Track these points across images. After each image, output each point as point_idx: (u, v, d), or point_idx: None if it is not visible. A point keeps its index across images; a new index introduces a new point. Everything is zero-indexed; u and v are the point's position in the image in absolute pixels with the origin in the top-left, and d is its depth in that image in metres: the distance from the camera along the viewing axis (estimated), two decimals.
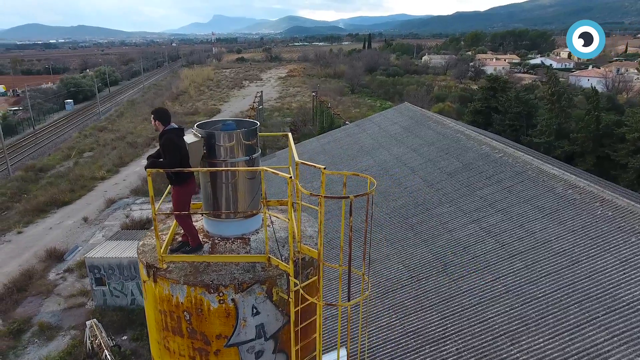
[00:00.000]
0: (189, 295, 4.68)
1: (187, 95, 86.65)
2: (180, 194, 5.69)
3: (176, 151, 5.42)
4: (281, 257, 5.22)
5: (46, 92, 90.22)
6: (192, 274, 4.85)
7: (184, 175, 5.54)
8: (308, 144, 31.42)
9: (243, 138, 5.51)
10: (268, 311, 4.90)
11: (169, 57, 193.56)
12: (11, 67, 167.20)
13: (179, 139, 5.53)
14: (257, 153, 5.81)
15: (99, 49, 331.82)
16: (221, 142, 5.47)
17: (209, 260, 5.12)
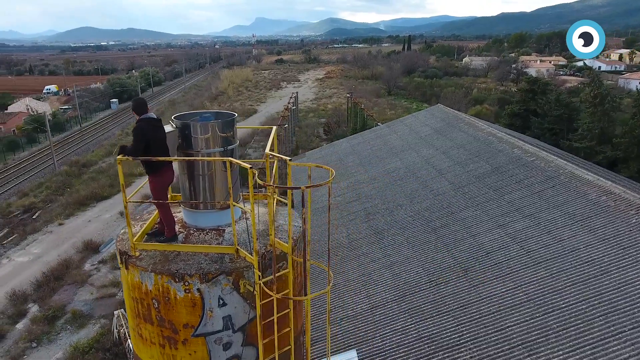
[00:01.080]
0: (157, 284, 4.73)
1: (226, 95, 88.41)
2: (154, 183, 5.77)
3: (139, 139, 5.53)
4: (251, 249, 5.17)
5: (94, 91, 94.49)
6: (160, 262, 4.90)
7: (155, 164, 5.59)
8: (338, 145, 31.34)
9: (218, 130, 5.51)
10: (235, 303, 4.86)
11: (210, 59, 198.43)
12: (64, 68, 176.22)
13: (148, 128, 5.58)
14: (233, 145, 5.80)
15: (146, 50, 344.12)
16: (195, 133, 5.49)
17: (179, 250, 5.15)
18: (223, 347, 4.81)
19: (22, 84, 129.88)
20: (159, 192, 5.70)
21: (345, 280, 15.67)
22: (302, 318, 5.88)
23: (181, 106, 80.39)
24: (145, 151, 5.46)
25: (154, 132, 5.55)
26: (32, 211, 35.54)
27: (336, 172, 25.96)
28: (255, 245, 4.64)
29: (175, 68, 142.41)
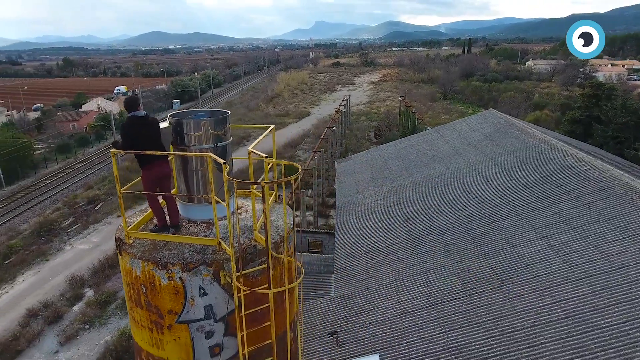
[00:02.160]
0: (144, 270, 4.98)
1: (281, 97, 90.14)
2: (143, 176, 6.08)
3: (125, 135, 5.92)
4: (234, 243, 5.25)
5: (158, 92, 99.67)
6: (149, 250, 5.14)
7: (143, 158, 5.92)
8: (385, 148, 31.05)
9: (210, 127, 5.69)
10: (216, 294, 4.99)
11: (268, 62, 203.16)
12: (134, 70, 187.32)
13: (130, 125, 5.95)
14: (225, 142, 5.96)
15: (210, 54, 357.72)
16: (187, 131, 5.71)
17: (167, 240, 5.38)
18: (205, 336, 4.99)
19: (96, 85, 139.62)
20: (148, 185, 6.05)
21: (379, 284, 15.51)
22: (292, 313, 5.94)
23: (238, 107, 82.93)
24: (133, 146, 5.80)
25: (138, 128, 5.90)
26: (95, 203, 38.09)
27: (380, 175, 25.72)
28: (231, 238, 4.76)
29: (234, 70, 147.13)
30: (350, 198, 24.38)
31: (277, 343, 4.99)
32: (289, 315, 5.51)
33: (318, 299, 16.65)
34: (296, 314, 6.26)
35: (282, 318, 5.38)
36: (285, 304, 5.48)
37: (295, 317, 6.17)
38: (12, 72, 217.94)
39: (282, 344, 5.44)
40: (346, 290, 16.05)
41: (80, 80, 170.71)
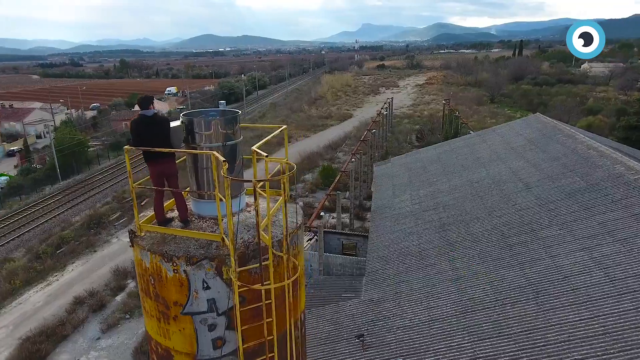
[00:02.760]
0: (152, 262, 5.15)
1: (324, 100, 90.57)
2: (150, 172, 6.30)
3: (132, 132, 6.27)
4: (237, 239, 5.32)
5: (205, 93, 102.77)
6: (157, 243, 5.31)
7: (147, 155, 6.15)
8: (424, 152, 30.55)
9: (220, 127, 5.80)
10: (219, 288, 5.08)
11: (314, 64, 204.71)
12: (184, 72, 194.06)
13: (136, 124, 6.25)
14: (234, 141, 6.05)
15: (257, 56, 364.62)
16: (198, 129, 5.85)
17: (175, 234, 5.53)
18: (208, 328, 5.11)
19: (149, 86, 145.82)
20: (153, 180, 6.29)
21: (409, 289, 15.28)
22: (296, 312, 5.95)
23: (281, 109, 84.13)
24: (140, 143, 6.04)
25: (142, 127, 6.17)
26: (141, 198, 39.71)
27: (417, 179, 25.30)
28: (230, 235, 4.83)
29: (280, 73, 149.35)
30: (386, 201, 24.15)
31: (279, 340, 5.05)
32: (292, 314, 5.56)
33: (347, 301, 16.61)
34: (302, 313, 6.29)
35: (284, 316, 5.44)
36: (286, 303, 5.53)
37: (301, 316, 6.19)
38: (73, 74, 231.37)
39: (286, 342, 5.50)
40: (376, 294, 15.92)
41: (134, 82, 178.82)
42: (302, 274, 6.02)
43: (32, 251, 29.98)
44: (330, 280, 20.33)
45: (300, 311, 6.07)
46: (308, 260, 21.79)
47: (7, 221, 36.59)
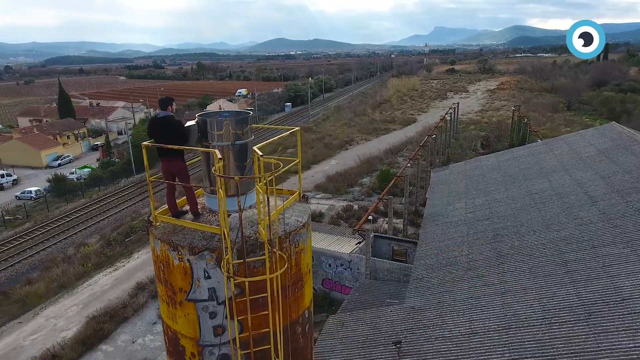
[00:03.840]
0: (162, 250, 5.45)
1: (389, 103, 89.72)
2: (161, 168, 6.73)
3: (147, 132, 6.81)
4: (236, 233, 5.49)
5: (273, 95, 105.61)
6: (167, 233, 5.60)
7: (158, 152, 6.61)
8: (484, 160, 29.38)
9: (230, 127, 6.01)
10: (219, 278, 5.26)
11: (381, 68, 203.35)
12: (255, 74, 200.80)
13: (150, 124, 6.79)
14: (243, 140, 6.24)
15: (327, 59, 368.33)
16: (210, 129, 6.11)
17: (184, 225, 5.80)
18: (209, 316, 5.34)
19: (222, 87, 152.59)
20: (164, 176, 6.68)
21: (452, 299, 14.82)
22: (299, 308, 6.02)
23: (345, 112, 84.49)
24: (153, 141, 6.56)
25: (154, 127, 6.70)
26: None
27: (474, 187, 24.46)
28: (226, 229, 4.99)
29: (346, 76, 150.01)
30: (439, 208, 23.54)
31: (281, 334, 5.18)
32: (293, 309, 5.66)
33: (389, 307, 16.42)
34: (307, 309, 6.37)
35: (286, 310, 5.55)
36: (288, 298, 5.64)
37: (305, 312, 6.28)
38: (155, 75, 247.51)
39: (288, 336, 5.62)
40: (418, 302, 15.61)
41: (208, 83, 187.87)
42: (306, 271, 6.12)
43: (104, 238, 32.53)
44: (376, 285, 20.18)
45: (304, 308, 6.16)
46: (355, 263, 21.79)
47: (86, 209, 40.00)
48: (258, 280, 4.94)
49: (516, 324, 12.28)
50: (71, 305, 23.87)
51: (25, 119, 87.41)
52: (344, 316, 16.92)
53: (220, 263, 5.10)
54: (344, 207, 34.57)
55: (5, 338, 21.61)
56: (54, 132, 68.28)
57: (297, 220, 6.12)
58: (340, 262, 22.13)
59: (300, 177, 8.14)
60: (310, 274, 6.37)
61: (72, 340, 20.29)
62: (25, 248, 32.59)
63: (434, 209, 23.73)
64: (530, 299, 13.16)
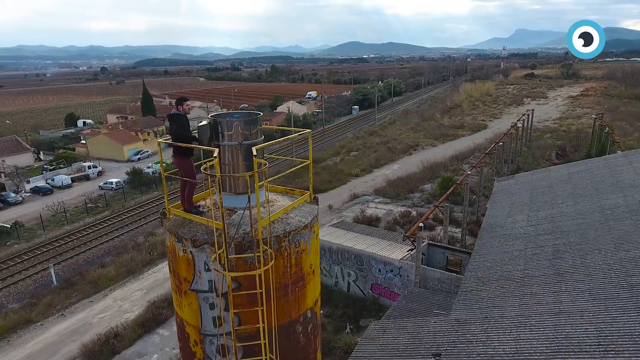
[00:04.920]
0: (170, 241, 5.69)
1: (460, 109, 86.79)
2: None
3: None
4: (236, 230, 5.57)
5: (341, 98, 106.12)
6: (176, 226, 5.82)
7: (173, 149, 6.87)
8: (554, 170, 27.56)
9: (240, 127, 6.13)
10: (220, 271, 5.38)
11: (455, 72, 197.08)
12: (326, 77, 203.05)
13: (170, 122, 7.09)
14: (251, 140, 6.32)
15: (399, 63, 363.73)
16: (221, 129, 6.27)
17: (192, 219, 5.99)
18: (209, 307, 5.51)
19: (293, 90, 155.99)
20: (178, 172, 6.95)
21: (500, 315, 14.08)
22: (300, 307, 6.01)
23: (413, 116, 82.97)
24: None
25: (169, 124, 6.97)
26: None
27: (539, 199, 23.11)
28: (222, 225, 5.10)
29: (417, 80, 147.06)
30: (499, 219, 22.43)
31: (278, 332, 5.25)
32: (295, 308, 5.69)
33: (433, 317, 15.92)
34: (310, 309, 6.37)
35: (285, 308, 5.60)
36: (287, 296, 5.68)
37: (309, 312, 6.29)
38: (231, 77, 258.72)
39: (287, 334, 5.67)
40: (464, 315, 15.00)
41: (281, 85, 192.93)
42: (308, 272, 6.13)
43: None
44: (425, 294, 19.64)
45: (306, 308, 6.18)
46: (405, 270, 21.36)
47: (158, 201, 42.72)
48: (246, 275, 5.07)
49: (566, 349, 11.43)
50: (136, 290, 25.64)
51: (113, 116, 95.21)
52: (387, 323, 16.67)
53: (220, 256, 5.29)
54: (402, 212, 33.98)
55: (78, 314, 23.70)
56: (136, 129, 73.64)
57: (300, 221, 6.17)
58: (390, 268, 21.82)
59: (311, 179, 8.19)
60: (315, 275, 6.40)
61: (133, 322, 21.79)
62: (102, 234, 35.49)
63: (493, 220, 22.66)
64: (585, 323, 12.18)
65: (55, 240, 34.61)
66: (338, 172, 47.32)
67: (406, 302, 18.97)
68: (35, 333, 22.60)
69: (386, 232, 26.80)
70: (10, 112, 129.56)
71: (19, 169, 54.57)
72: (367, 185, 42.42)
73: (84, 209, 41.70)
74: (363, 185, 42.64)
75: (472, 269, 17.98)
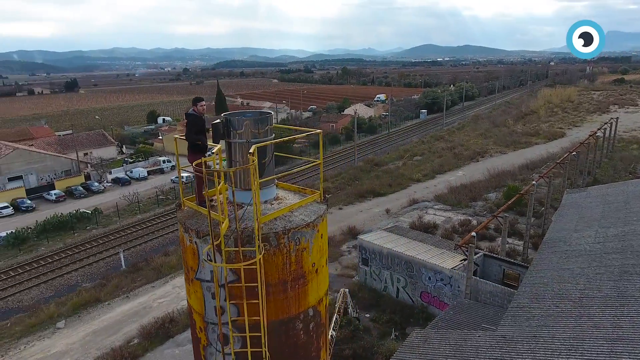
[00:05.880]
0: (180, 231, 5.92)
1: (536, 115, 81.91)
2: None
3: None
4: (236, 224, 5.63)
5: (410, 101, 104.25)
6: (186, 217, 6.03)
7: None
8: (632, 184, 25.27)
9: (250, 126, 6.20)
10: (219, 262, 5.45)
11: (534, 76, 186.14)
12: (397, 80, 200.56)
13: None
14: (260, 139, 6.35)
15: (475, 66, 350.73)
16: (232, 127, 6.38)
17: (201, 211, 6.16)
18: (212, 296, 5.66)
19: (362, 92, 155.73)
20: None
21: (551, 336, 13.16)
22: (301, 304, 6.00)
23: (483, 122, 79.60)
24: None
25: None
26: (325, 194, 43.21)
27: (612, 215, 21.41)
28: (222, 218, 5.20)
29: (492, 84, 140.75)
30: (563, 234, 20.96)
31: (277, 327, 5.33)
32: (294, 304, 5.72)
33: (478, 331, 15.22)
34: (313, 308, 6.34)
35: (285, 305, 5.65)
36: (287, 293, 5.71)
37: (310, 310, 6.27)
38: (303, 79, 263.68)
39: (286, 329, 5.72)
40: (512, 332, 14.19)
41: (350, 87, 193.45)
42: (310, 270, 6.13)
43: None
44: (475, 307, 18.80)
45: (307, 305, 6.19)
46: (456, 280, 20.59)
47: None
48: (240, 268, 5.19)
49: None
50: None
51: None
52: (429, 332, 16.19)
53: (221, 249, 5.47)
54: (461, 220, 32.76)
55: (140, 297, 25.39)
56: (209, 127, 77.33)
57: (302, 220, 6.20)
58: (440, 277, 21.15)
59: (322, 179, 8.17)
60: (319, 274, 6.40)
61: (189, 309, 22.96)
62: (169, 224, 37.71)
63: (556, 234, 21.21)
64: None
65: (128, 228, 37.35)
66: (399, 176, 46.60)
67: (454, 314, 18.29)
68: (102, 311, 24.54)
69: (441, 240, 25.96)
70: (101, 108, 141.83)
71: (103, 161, 59.56)
72: (428, 191, 41.36)
73: (156, 200, 44.58)
74: (424, 191, 41.64)
75: (526, 284, 16.97)
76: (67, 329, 23.28)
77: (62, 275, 30.03)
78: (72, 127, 78.33)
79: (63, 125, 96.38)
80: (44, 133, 77.15)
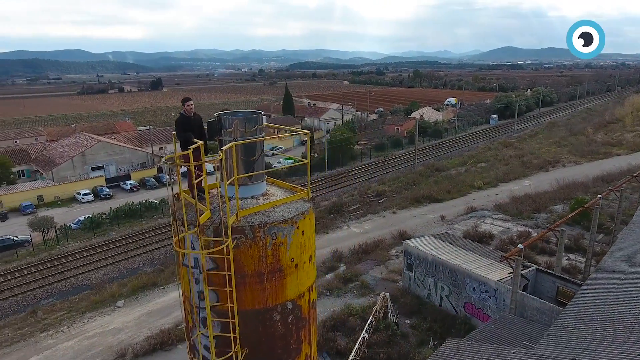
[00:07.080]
0: (173, 220, 6.28)
1: (621, 124, 75.42)
2: None
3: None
4: (219, 217, 5.87)
5: (481, 106, 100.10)
6: (179, 207, 6.36)
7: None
8: None
9: (239, 125, 6.39)
10: (199, 250, 5.75)
11: (624, 81, 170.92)
12: (471, 84, 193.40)
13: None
14: (248, 137, 6.51)
15: (559, 70, 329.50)
16: (222, 125, 6.61)
17: (192, 202, 6.45)
18: (195, 282, 5.99)
19: (432, 95, 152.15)
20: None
21: None
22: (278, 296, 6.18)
23: (559, 130, 74.69)
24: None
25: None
26: (380, 197, 42.98)
27: None
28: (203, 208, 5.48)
29: (574, 89, 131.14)
30: (627, 253, 19.29)
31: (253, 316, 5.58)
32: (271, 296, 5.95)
33: (514, 349, 14.46)
34: (292, 301, 6.49)
35: (261, 295, 5.89)
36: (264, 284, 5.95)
37: (289, 303, 6.45)
38: (374, 81, 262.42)
39: (263, 320, 5.95)
40: (550, 352, 13.37)
41: (420, 91, 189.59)
42: (288, 265, 6.28)
43: None
44: (519, 323, 17.83)
45: (285, 299, 6.36)
46: (502, 293, 19.66)
47: None
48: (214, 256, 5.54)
49: None
50: None
51: None
52: (463, 344, 15.66)
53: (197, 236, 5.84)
54: (520, 232, 31.12)
55: (170, 293, 26.42)
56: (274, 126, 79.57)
57: (282, 216, 6.36)
58: (485, 289, 20.32)
59: (309, 179, 8.28)
60: (299, 270, 6.54)
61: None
62: None
63: (620, 253, 19.57)
64: None
65: None
66: (460, 183, 45.11)
67: (495, 327, 17.49)
68: (158, 295, 26.25)
69: (492, 251, 24.88)
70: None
71: None
72: (489, 200, 39.67)
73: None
74: (484, 199, 39.99)
75: (576, 304, 15.88)
76: (126, 308, 25.19)
77: (127, 259, 32.49)
78: (150, 123, 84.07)
79: (144, 120, 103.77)
80: (126, 128, 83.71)
